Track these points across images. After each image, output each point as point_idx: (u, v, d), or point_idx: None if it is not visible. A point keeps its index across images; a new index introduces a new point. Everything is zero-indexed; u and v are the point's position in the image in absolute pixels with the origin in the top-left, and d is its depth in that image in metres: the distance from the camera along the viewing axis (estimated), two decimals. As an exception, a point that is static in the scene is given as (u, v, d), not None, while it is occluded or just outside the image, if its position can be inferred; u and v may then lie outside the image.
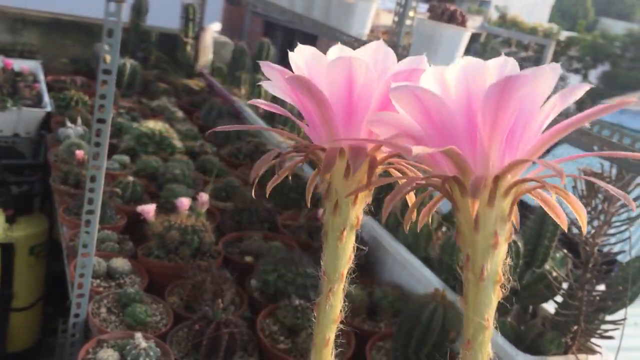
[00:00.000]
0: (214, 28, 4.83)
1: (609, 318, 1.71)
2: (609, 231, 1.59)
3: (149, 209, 2.28)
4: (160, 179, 2.76)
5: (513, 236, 0.43)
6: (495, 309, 0.41)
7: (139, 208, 2.29)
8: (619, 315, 1.70)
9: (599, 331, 1.70)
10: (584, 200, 1.58)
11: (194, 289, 1.98)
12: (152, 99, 3.97)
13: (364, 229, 2.38)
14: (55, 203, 2.69)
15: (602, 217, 1.57)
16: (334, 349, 0.48)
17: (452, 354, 1.76)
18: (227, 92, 4.14)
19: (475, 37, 14.40)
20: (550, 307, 1.88)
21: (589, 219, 1.58)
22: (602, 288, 1.69)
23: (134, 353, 1.67)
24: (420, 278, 2.06)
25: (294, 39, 11.56)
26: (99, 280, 2.09)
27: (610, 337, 1.70)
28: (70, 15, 4.52)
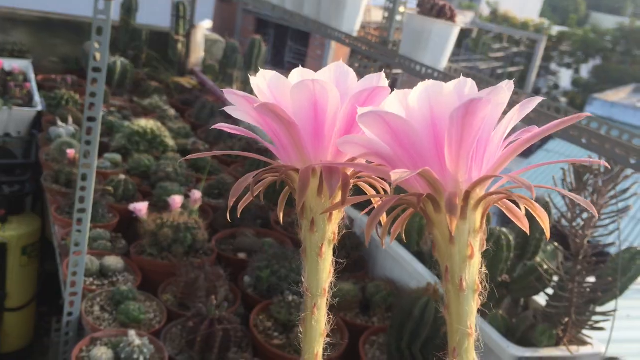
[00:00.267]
0: (205, 26, 4.82)
1: (599, 310, 1.72)
2: (599, 223, 1.61)
3: (141, 207, 2.28)
4: (153, 177, 2.76)
5: (504, 230, 0.45)
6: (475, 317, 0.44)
7: (132, 206, 2.29)
8: (610, 307, 1.71)
9: (590, 323, 1.72)
10: (573, 193, 1.59)
11: (188, 286, 1.98)
12: (144, 98, 3.96)
13: (357, 225, 2.39)
14: (47, 202, 2.69)
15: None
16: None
17: (445, 347, 1.78)
18: (219, 90, 4.13)
19: (466, 33, 14.44)
20: (541, 300, 1.90)
21: (578, 212, 1.59)
22: (593, 280, 1.71)
23: (127, 350, 1.68)
24: (413, 272, 2.07)
25: (287, 37, 11.57)
26: (92, 279, 2.09)
27: (601, 329, 1.71)
28: (60, 14, 4.50)
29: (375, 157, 0.43)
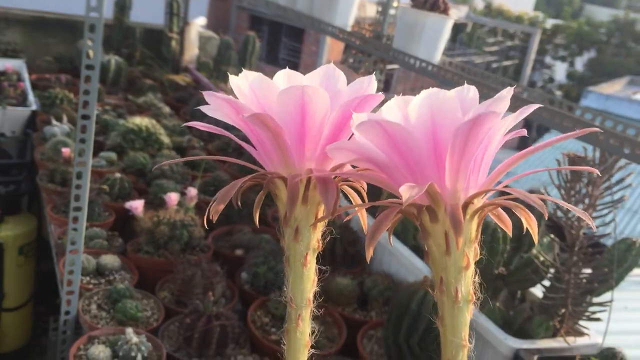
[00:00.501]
0: (199, 23, 4.80)
1: (596, 300, 1.73)
2: (594, 214, 1.61)
3: (137, 205, 2.27)
4: (148, 174, 2.75)
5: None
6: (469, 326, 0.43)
7: (128, 204, 2.29)
8: (606, 297, 1.72)
9: (587, 314, 1.72)
10: (568, 185, 1.59)
11: (185, 283, 1.98)
12: (138, 96, 3.95)
13: (354, 220, 2.39)
14: (43, 202, 2.68)
15: (587, 201, 1.58)
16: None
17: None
18: (214, 87, 4.12)
19: (460, 28, 14.43)
20: (538, 292, 1.90)
21: (573, 203, 1.59)
22: (589, 271, 1.71)
23: (125, 348, 1.67)
24: (410, 266, 2.08)
25: (281, 34, 11.54)
26: (88, 278, 2.09)
27: (597, 319, 1.72)
28: (53, 13, 4.48)
29: (367, 163, 0.42)
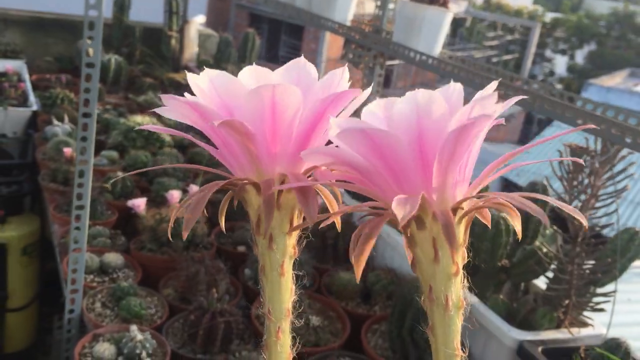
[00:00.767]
0: (198, 21, 4.80)
1: (599, 291, 1.73)
2: (597, 204, 1.61)
3: (139, 203, 2.27)
4: (150, 173, 2.75)
5: (503, 214, 0.42)
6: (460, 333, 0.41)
7: (130, 202, 2.29)
8: (610, 288, 1.72)
9: (591, 304, 1.72)
10: (570, 175, 1.59)
11: (188, 280, 1.98)
12: (139, 94, 3.95)
13: (355, 215, 2.39)
14: (45, 201, 2.68)
15: (589, 191, 1.58)
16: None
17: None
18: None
19: (460, 22, 14.40)
20: (541, 283, 1.90)
21: (575, 194, 1.59)
22: (593, 262, 1.71)
23: (130, 345, 1.68)
24: (413, 260, 2.07)
25: (280, 31, 11.52)
26: (92, 276, 2.09)
27: (601, 310, 1.72)
28: (52, 13, 4.48)
29: (344, 166, 0.40)
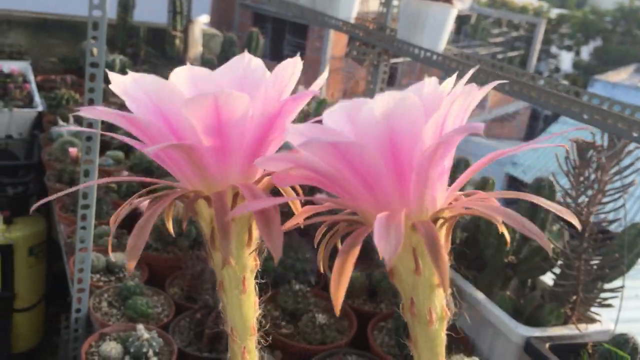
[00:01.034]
0: (202, 20, 4.80)
1: (607, 287, 1.72)
2: (604, 200, 1.60)
3: (145, 203, 2.27)
4: (156, 172, 2.75)
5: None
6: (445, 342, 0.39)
7: (136, 201, 2.29)
8: (617, 284, 1.71)
9: (598, 300, 1.71)
10: (576, 170, 1.58)
11: (194, 279, 1.99)
12: (144, 94, 3.95)
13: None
14: (51, 202, 2.69)
15: (596, 186, 1.57)
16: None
17: (452, 329, 1.77)
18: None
19: (465, 19, 14.36)
20: (548, 280, 1.89)
21: (582, 189, 1.58)
22: (600, 257, 1.70)
23: (136, 344, 1.68)
24: (419, 257, 2.07)
25: (284, 30, 11.51)
26: (98, 275, 2.10)
27: (609, 306, 1.71)
28: (56, 14, 4.49)
29: (306, 171, 0.36)
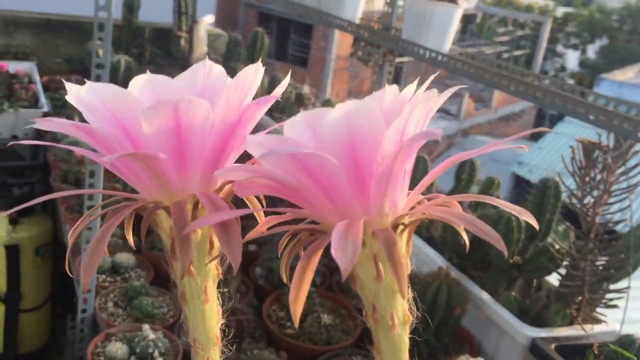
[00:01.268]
0: (207, 20, 4.81)
1: (613, 287, 1.71)
2: (609, 200, 1.59)
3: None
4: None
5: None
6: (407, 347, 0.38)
7: (141, 202, 2.30)
8: (623, 284, 1.70)
9: (604, 301, 1.71)
10: (582, 171, 1.58)
11: (199, 279, 1.99)
12: (149, 95, 3.96)
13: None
14: (57, 202, 2.70)
15: (602, 187, 1.57)
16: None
17: (458, 330, 1.77)
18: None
19: (470, 18, 14.33)
20: (554, 280, 1.89)
21: (588, 189, 1.58)
22: (606, 258, 1.69)
23: (142, 345, 1.68)
24: (424, 258, 2.07)
25: (289, 30, 11.54)
26: (104, 276, 2.10)
27: (614, 306, 1.70)
28: (62, 15, 4.51)
29: (266, 180, 0.36)
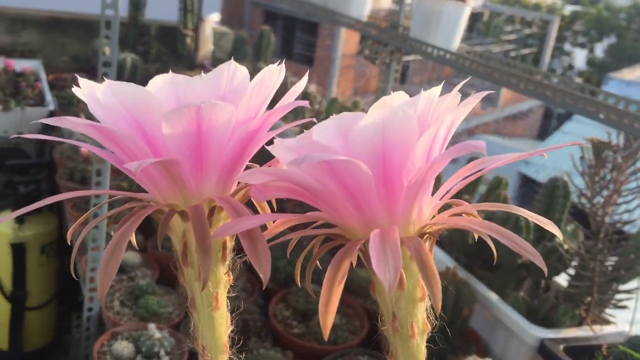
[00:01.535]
0: (213, 19, 4.80)
1: (622, 288, 1.69)
2: (619, 200, 1.58)
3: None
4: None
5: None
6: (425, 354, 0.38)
7: (147, 201, 2.30)
8: (633, 285, 1.68)
9: (613, 301, 1.69)
10: (592, 170, 1.56)
11: (205, 278, 1.98)
12: (155, 93, 3.96)
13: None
14: (62, 201, 2.70)
15: (612, 186, 1.55)
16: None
17: (466, 330, 1.76)
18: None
19: (477, 17, 14.29)
20: (562, 281, 1.87)
21: (597, 189, 1.56)
22: (615, 258, 1.68)
23: (148, 344, 1.68)
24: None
25: (295, 28, 11.53)
26: (110, 274, 2.10)
27: (624, 307, 1.69)
28: (68, 12, 4.51)
29: (290, 184, 0.37)
